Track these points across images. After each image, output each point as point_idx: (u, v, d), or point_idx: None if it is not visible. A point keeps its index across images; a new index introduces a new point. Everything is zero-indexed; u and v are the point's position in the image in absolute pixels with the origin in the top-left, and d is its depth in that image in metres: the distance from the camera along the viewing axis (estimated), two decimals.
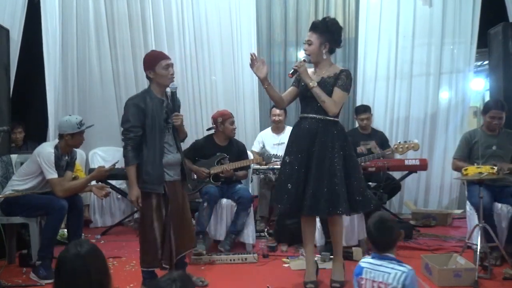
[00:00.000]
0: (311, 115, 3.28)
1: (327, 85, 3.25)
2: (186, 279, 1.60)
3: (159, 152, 3.13)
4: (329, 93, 3.23)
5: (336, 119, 3.29)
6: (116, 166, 3.99)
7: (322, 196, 3.14)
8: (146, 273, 3.26)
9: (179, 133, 3.30)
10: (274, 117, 5.36)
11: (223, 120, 4.48)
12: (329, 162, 3.18)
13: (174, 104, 3.19)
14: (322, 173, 3.17)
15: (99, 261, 1.74)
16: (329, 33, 3.25)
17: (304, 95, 3.34)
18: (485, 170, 3.56)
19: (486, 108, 4.16)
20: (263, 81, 3.31)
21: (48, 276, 3.51)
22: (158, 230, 3.18)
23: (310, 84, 3.21)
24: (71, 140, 3.74)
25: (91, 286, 1.68)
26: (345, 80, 3.25)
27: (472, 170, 3.63)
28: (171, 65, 3.19)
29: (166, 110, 3.20)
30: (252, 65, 3.28)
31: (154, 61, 3.17)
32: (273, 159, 4.49)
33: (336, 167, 3.17)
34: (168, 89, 3.25)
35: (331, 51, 3.34)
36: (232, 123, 4.51)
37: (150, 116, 3.10)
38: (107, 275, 1.75)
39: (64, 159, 3.83)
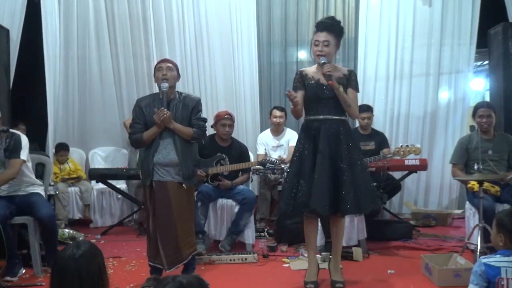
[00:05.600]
0: (330, 117, 3.22)
1: (341, 87, 3.23)
2: (190, 282, 1.59)
3: (151, 149, 3.27)
4: None
5: (345, 118, 3.31)
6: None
7: (360, 194, 3.16)
8: (150, 266, 3.33)
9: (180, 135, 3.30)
10: (274, 119, 5.34)
11: (215, 121, 4.48)
12: (355, 161, 3.21)
13: (163, 103, 3.24)
14: (354, 172, 3.18)
15: (94, 265, 1.73)
16: (341, 34, 3.26)
17: (320, 97, 3.23)
18: (488, 187, 3.75)
19: (474, 110, 4.22)
20: (296, 104, 3.19)
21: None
22: (151, 225, 3.26)
23: (340, 89, 3.17)
24: None
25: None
26: (356, 80, 3.31)
27: (476, 188, 3.72)
28: (165, 67, 3.29)
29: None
30: (291, 100, 3.16)
31: (155, 66, 3.39)
32: (268, 164, 4.40)
33: (358, 165, 3.22)
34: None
35: None
36: (224, 125, 4.44)
37: (145, 114, 3.30)
38: (102, 279, 1.75)
39: None
